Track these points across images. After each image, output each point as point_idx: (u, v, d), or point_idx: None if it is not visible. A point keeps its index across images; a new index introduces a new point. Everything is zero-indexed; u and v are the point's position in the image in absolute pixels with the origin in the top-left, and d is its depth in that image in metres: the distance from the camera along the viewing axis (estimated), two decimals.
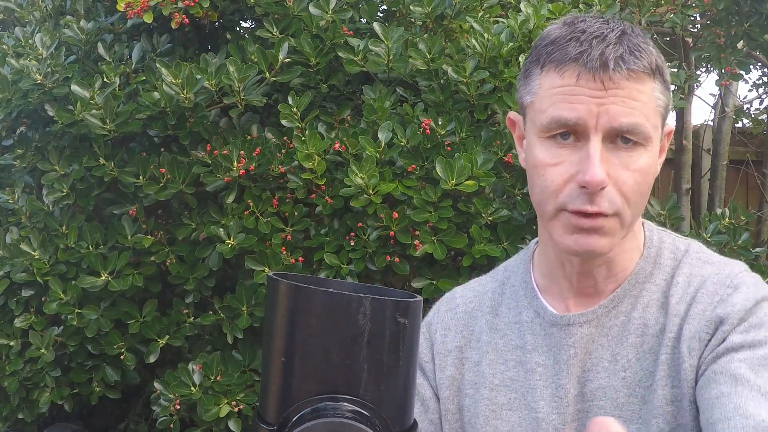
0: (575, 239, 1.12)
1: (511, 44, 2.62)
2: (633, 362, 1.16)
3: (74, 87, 2.62)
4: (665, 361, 1.13)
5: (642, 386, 1.15)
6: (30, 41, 2.86)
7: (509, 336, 1.26)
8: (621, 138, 1.10)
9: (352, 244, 2.57)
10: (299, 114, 2.61)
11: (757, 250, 2.80)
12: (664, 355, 1.13)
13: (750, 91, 5.85)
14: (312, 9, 2.70)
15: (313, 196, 2.63)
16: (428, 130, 2.56)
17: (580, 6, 2.88)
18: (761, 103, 5.42)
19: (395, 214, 2.52)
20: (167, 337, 2.75)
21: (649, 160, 1.12)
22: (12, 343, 2.84)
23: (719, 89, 4.93)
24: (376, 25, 2.67)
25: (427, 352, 1.32)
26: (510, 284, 1.31)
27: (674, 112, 4.27)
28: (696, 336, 1.11)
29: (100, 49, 2.86)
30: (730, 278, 1.15)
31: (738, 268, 1.18)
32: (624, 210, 1.11)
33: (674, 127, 1.22)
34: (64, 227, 2.79)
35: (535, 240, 1.33)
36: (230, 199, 2.66)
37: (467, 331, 1.30)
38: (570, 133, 1.11)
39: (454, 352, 1.30)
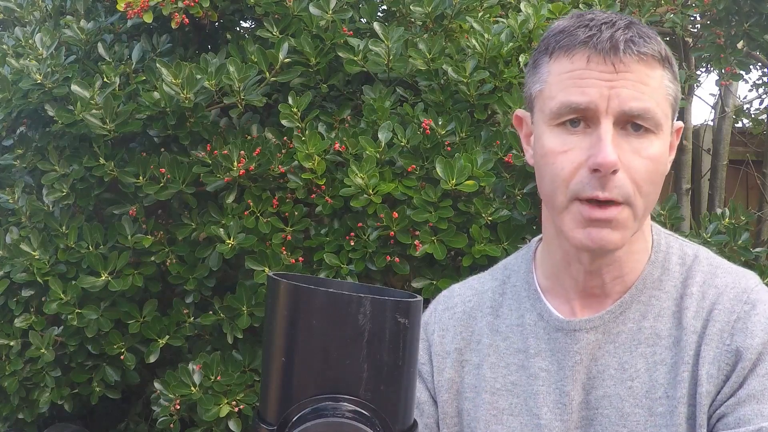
0: (587, 233, 1.10)
1: (511, 44, 2.62)
2: (642, 372, 1.14)
3: (74, 87, 2.62)
4: (686, 378, 1.11)
5: (649, 397, 1.12)
6: (30, 41, 2.86)
7: (511, 339, 1.23)
8: (632, 125, 1.08)
9: (352, 244, 2.57)
10: (299, 114, 2.60)
11: (757, 250, 2.80)
12: (686, 373, 1.11)
13: (750, 91, 5.85)
14: (312, 9, 2.70)
15: (313, 196, 2.63)
16: (428, 130, 2.56)
17: (580, 6, 2.88)
18: (761, 103, 5.42)
19: (395, 214, 2.52)
20: (167, 337, 2.75)
21: (661, 149, 1.10)
22: (12, 343, 2.84)
23: (719, 89, 4.93)
24: (376, 25, 2.67)
25: (423, 354, 1.28)
26: (511, 284, 1.27)
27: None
28: (715, 363, 1.10)
29: (100, 49, 2.85)
30: (746, 293, 1.13)
31: (753, 281, 1.16)
32: (635, 199, 1.09)
33: (683, 125, 1.21)
34: (64, 227, 2.79)
35: (536, 238, 1.29)
36: (230, 199, 2.66)
37: (467, 333, 1.27)
38: (580, 119, 1.09)
39: (453, 354, 1.26)
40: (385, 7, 3.01)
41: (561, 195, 1.11)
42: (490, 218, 2.53)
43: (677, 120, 1.18)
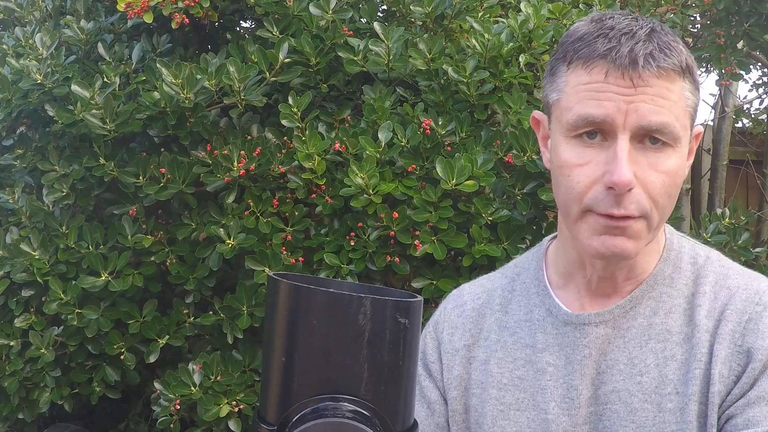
0: (602, 241, 1.09)
1: (511, 44, 2.62)
2: (651, 367, 1.13)
3: (74, 87, 2.62)
4: (699, 376, 1.10)
5: (658, 393, 1.12)
6: (30, 41, 2.86)
7: (519, 334, 1.23)
8: (649, 138, 1.07)
9: (352, 244, 2.57)
10: (299, 114, 2.60)
11: (757, 250, 2.80)
12: (698, 370, 1.10)
13: (750, 91, 5.86)
14: (312, 9, 2.70)
15: (313, 196, 2.63)
16: (428, 130, 2.56)
17: (580, 6, 2.88)
18: (761, 103, 5.43)
19: (395, 214, 2.52)
20: (167, 337, 2.75)
21: (678, 162, 1.09)
22: (12, 343, 2.84)
23: (719, 89, 4.93)
24: (376, 25, 2.67)
25: (433, 352, 1.29)
26: (521, 281, 1.27)
27: None
28: (727, 363, 1.09)
29: (100, 49, 2.85)
30: (758, 295, 1.13)
31: (765, 284, 1.16)
32: (652, 213, 1.08)
33: (702, 129, 1.20)
34: (64, 227, 2.79)
35: (549, 237, 1.30)
36: (230, 199, 2.66)
37: (475, 330, 1.27)
38: (597, 132, 1.08)
39: (462, 351, 1.26)
40: (385, 7, 3.01)
41: (575, 207, 1.11)
42: (490, 218, 2.53)
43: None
